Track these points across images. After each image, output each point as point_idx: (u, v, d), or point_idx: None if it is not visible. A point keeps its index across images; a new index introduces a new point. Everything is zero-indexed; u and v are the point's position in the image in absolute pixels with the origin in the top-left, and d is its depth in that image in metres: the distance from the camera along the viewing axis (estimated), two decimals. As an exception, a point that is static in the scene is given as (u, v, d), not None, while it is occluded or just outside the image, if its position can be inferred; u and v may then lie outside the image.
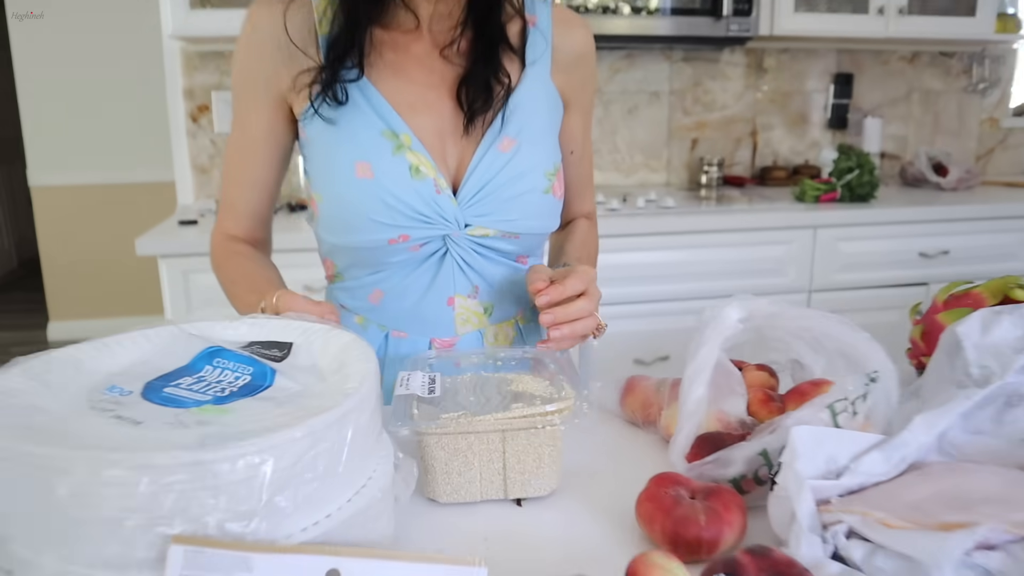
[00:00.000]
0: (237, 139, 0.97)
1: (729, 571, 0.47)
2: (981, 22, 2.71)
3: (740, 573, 0.46)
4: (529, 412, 0.60)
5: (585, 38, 1.02)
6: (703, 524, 0.54)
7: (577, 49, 1.00)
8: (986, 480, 0.60)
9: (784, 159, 3.06)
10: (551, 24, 0.98)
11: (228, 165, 0.99)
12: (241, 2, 2.39)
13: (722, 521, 0.54)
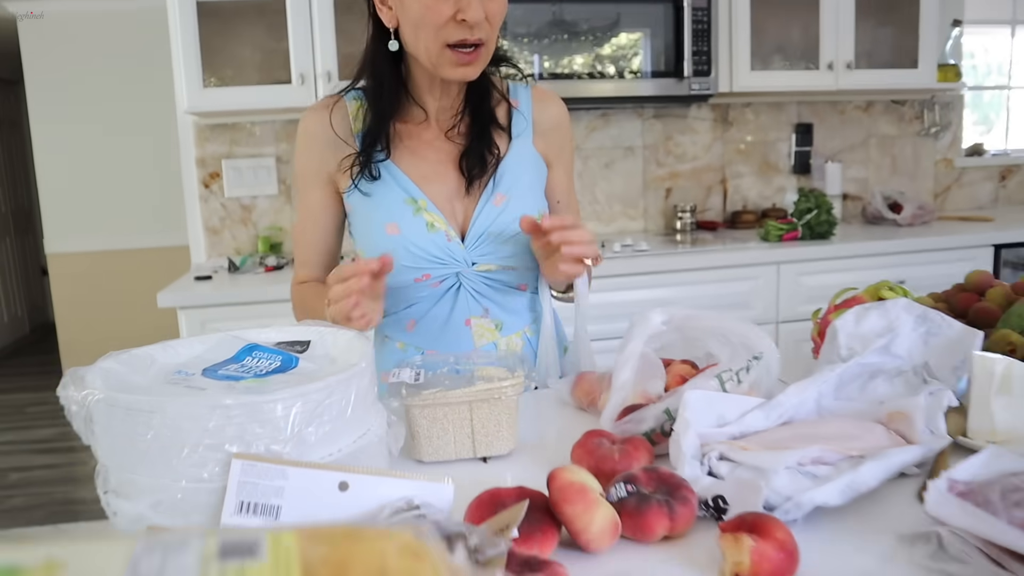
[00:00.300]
0: (302, 212, 1.24)
1: (628, 480, 0.66)
2: (923, 73, 2.96)
3: (635, 482, 0.65)
4: (488, 387, 0.79)
5: (558, 110, 1.28)
6: (617, 459, 0.72)
7: (553, 120, 1.27)
8: (837, 425, 0.79)
9: (753, 203, 3.28)
10: (531, 104, 1.25)
11: (296, 232, 1.27)
12: (245, 81, 2.65)
13: (631, 457, 0.73)
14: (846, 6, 2.85)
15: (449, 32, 1.07)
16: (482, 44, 1.09)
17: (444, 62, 1.09)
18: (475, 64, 1.11)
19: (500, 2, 1.10)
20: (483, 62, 1.12)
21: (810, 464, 0.68)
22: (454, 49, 1.08)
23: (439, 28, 1.06)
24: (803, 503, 0.62)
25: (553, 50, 2.62)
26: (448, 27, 1.06)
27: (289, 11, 2.47)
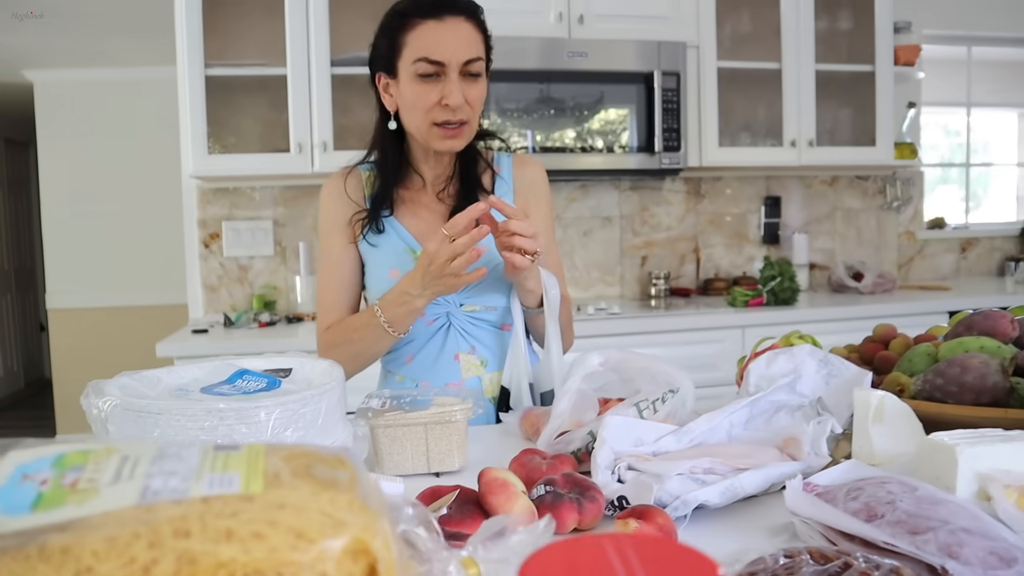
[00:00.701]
0: (325, 261, 1.41)
1: (548, 483, 0.79)
2: (881, 151, 3.17)
3: (553, 484, 0.79)
4: (441, 411, 0.93)
5: (535, 171, 1.49)
6: (544, 471, 0.86)
7: (529, 179, 1.47)
8: (737, 447, 0.93)
9: (725, 271, 3.46)
10: (511, 169, 1.47)
11: (322, 281, 1.42)
12: (247, 149, 2.85)
13: (557, 469, 0.86)
14: (807, 88, 3.08)
15: (435, 114, 1.27)
16: (465, 123, 1.29)
17: (433, 137, 1.30)
18: (459, 138, 1.31)
19: (479, 88, 1.30)
20: (467, 136, 1.32)
21: (701, 472, 0.82)
22: (440, 126, 1.28)
23: (427, 111, 1.27)
24: (688, 501, 0.76)
25: (539, 125, 2.82)
26: (434, 110, 1.27)
27: (290, 86, 2.68)
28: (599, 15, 2.88)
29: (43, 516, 0.31)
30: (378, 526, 0.32)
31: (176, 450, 0.37)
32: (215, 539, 0.29)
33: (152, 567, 0.28)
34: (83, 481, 0.33)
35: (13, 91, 4.77)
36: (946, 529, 0.62)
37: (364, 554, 0.30)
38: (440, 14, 1.26)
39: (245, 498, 0.31)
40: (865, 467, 0.81)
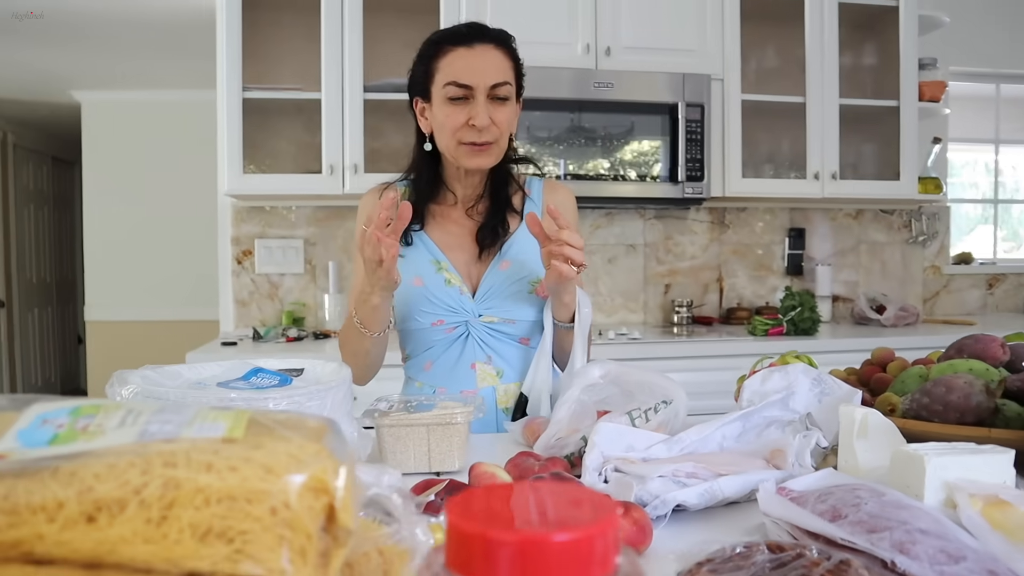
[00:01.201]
0: (356, 268, 1.47)
1: (536, 479, 0.83)
2: (904, 185, 3.18)
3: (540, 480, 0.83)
4: (442, 413, 0.98)
5: (564, 195, 1.56)
6: (536, 471, 0.90)
7: (559, 202, 1.52)
8: (726, 457, 0.96)
9: (748, 301, 3.47)
10: (542, 193, 1.54)
11: (352, 285, 1.50)
12: (281, 170, 2.95)
13: (549, 470, 0.90)
14: (831, 122, 3.11)
15: (463, 134, 1.36)
16: (491, 143, 1.36)
17: (461, 155, 1.38)
18: (486, 155, 1.38)
19: (506, 111, 1.37)
20: (495, 155, 1.40)
21: (684, 476, 0.86)
22: (468, 145, 1.36)
23: (455, 131, 1.35)
24: (667, 501, 0.80)
25: (568, 153, 2.89)
26: (462, 130, 1.35)
27: (324, 110, 2.78)
28: (626, 47, 2.95)
29: (57, 449, 0.37)
30: (339, 470, 0.37)
31: (176, 408, 0.42)
32: (197, 469, 0.34)
33: (143, 489, 0.33)
34: (93, 426, 0.39)
35: (62, 111, 4.97)
36: (903, 529, 0.66)
37: (324, 492, 0.35)
38: (470, 42, 1.35)
39: (227, 440, 0.37)
40: (841, 476, 0.84)
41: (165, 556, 0.33)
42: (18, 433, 0.38)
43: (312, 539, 0.34)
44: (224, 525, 0.33)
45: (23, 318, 5.78)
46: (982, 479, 0.76)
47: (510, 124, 1.39)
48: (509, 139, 1.43)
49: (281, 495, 0.34)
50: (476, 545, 0.30)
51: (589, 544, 0.30)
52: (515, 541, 0.30)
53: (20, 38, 3.68)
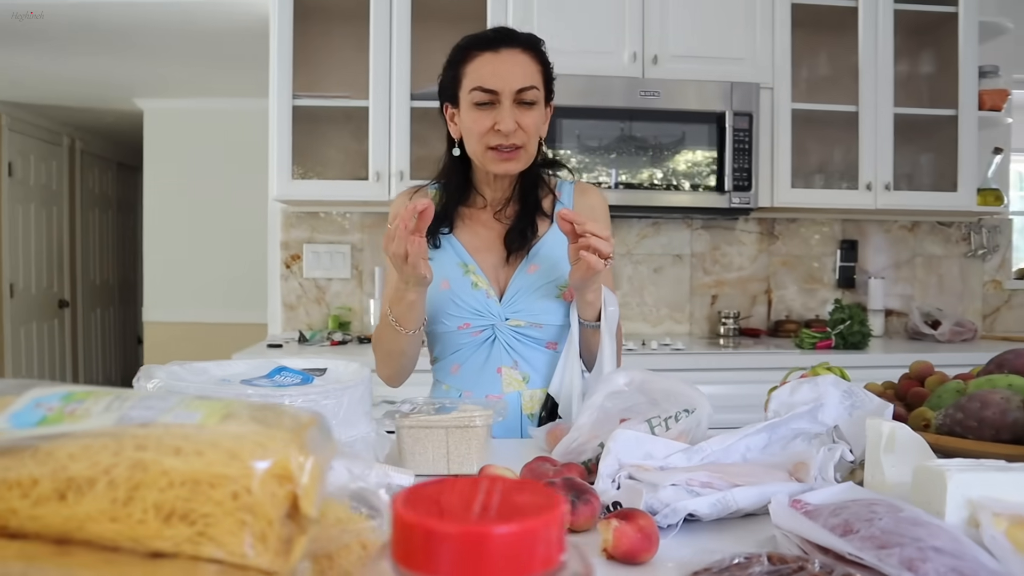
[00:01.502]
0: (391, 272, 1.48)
1: (547, 484, 0.83)
2: (962, 196, 3.08)
3: (552, 486, 0.83)
4: (461, 415, 0.99)
5: (596, 198, 1.55)
6: (551, 475, 0.90)
7: (589, 205, 1.53)
8: (748, 468, 0.94)
9: (797, 314, 3.40)
10: (572, 196, 1.54)
11: (385, 286, 1.52)
12: (329, 176, 3.01)
13: (563, 475, 0.90)
14: (884, 131, 3.03)
15: (489, 138, 1.36)
16: (519, 147, 1.37)
17: (488, 160, 1.39)
18: (514, 161, 1.38)
19: (533, 115, 1.38)
20: (523, 160, 1.40)
21: (698, 485, 0.84)
22: (495, 150, 1.36)
23: (482, 136, 1.36)
24: (678, 509, 0.79)
25: (616, 162, 2.87)
26: (489, 135, 1.36)
27: (371, 118, 2.82)
28: (673, 56, 2.93)
29: (43, 430, 0.38)
30: (306, 463, 0.37)
31: (163, 395, 0.44)
32: (165, 453, 0.35)
33: (112, 469, 0.35)
34: (80, 410, 0.40)
35: (126, 118, 5.16)
36: (915, 546, 0.63)
37: (287, 480, 0.36)
38: (496, 47, 1.36)
39: (199, 427, 0.38)
40: (861, 490, 0.82)
41: (129, 535, 0.34)
42: (11, 415, 0.40)
43: (273, 525, 0.35)
44: (187, 508, 0.34)
45: (86, 318, 5.99)
46: (1009, 498, 0.74)
47: (538, 128, 1.39)
48: (539, 143, 1.44)
49: (243, 480, 0.35)
50: (418, 536, 0.30)
51: (531, 538, 0.30)
52: (456, 533, 0.30)
53: (87, 49, 3.84)
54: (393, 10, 2.82)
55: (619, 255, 3.30)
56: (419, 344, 1.43)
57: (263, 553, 0.35)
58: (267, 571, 0.35)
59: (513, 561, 0.30)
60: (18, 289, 5.08)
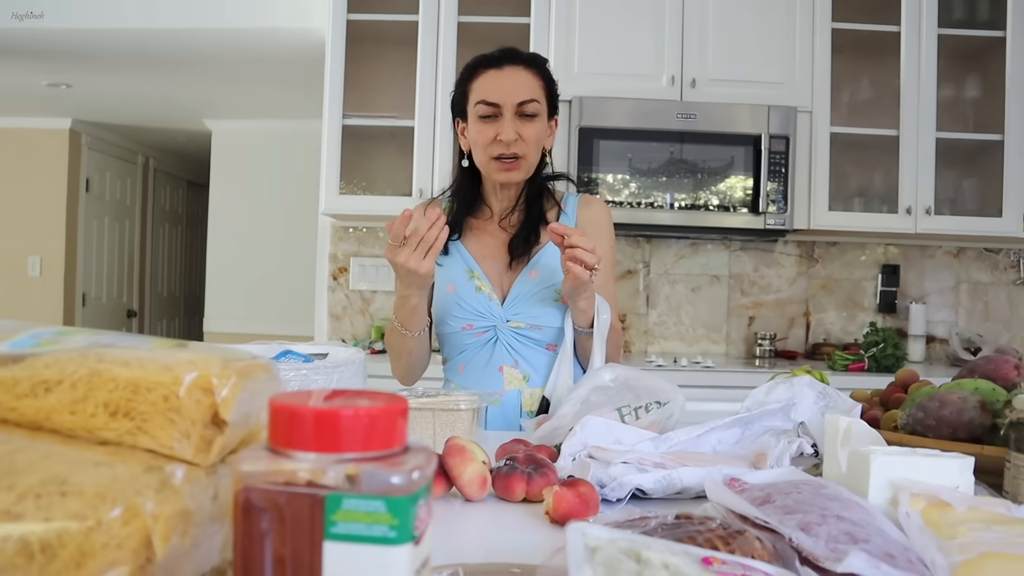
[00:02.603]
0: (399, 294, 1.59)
1: (509, 459, 0.91)
2: (1008, 221, 3.04)
3: (515, 460, 0.91)
4: (447, 399, 1.07)
5: (599, 210, 1.63)
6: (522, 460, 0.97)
7: (592, 217, 1.61)
8: (704, 455, 1.00)
9: (836, 337, 3.39)
10: (576, 208, 1.61)
11: None
12: (374, 192, 3.15)
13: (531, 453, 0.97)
14: (926, 155, 3.02)
15: (492, 149, 1.46)
16: (520, 157, 1.45)
17: (492, 170, 1.49)
18: (515, 171, 1.48)
19: (534, 127, 1.47)
20: (524, 169, 1.49)
21: (650, 465, 0.91)
22: (498, 160, 1.45)
23: (486, 146, 1.46)
24: (624, 484, 0.85)
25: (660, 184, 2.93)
26: (492, 145, 1.46)
27: (416, 137, 2.96)
28: (712, 79, 2.99)
29: (34, 351, 0.49)
30: (227, 380, 0.47)
31: (139, 338, 0.54)
32: (116, 364, 0.45)
33: (73, 375, 0.44)
34: (64, 339, 0.51)
35: (196, 138, 5.45)
36: (819, 513, 0.69)
37: (209, 391, 0.45)
38: (500, 64, 1.47)
39: (150, 350, 0.48)
40: (800, 473, 0.87)
41: (84, 426, 0.44)
42: (12, 342, 0.51)
43: (196, 425, 0.44)
44: (129, 406, 0.44)
45: (153, 327, 6.30)
46: (928, 480, 0.78)
47: (539, 140, 1.48)
48: (544, 154, 1.52)
49: (173, 387, 0.44)
50: (283, 418, 0.39)
51: (371, 421, 0.39)
52: (312, 413, 0.39)
53: (161, 73, 4.10)
54: (440, 35, 2.97)
55: (657, 274, 3.35)
56: (425, 345, 1.54)
57: (187, 447, 0.44)
58: (190, 462, 0.45)
59: (356, 437, 0.39)
60: (90, 298, 5.39)
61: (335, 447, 0.38)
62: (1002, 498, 0.85)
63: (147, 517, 0.39)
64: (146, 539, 0.39)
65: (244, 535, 0.38)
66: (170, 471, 0.42)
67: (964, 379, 1.10)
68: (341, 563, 0.37)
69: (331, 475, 0.38)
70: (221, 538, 0.46)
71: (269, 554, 0.38)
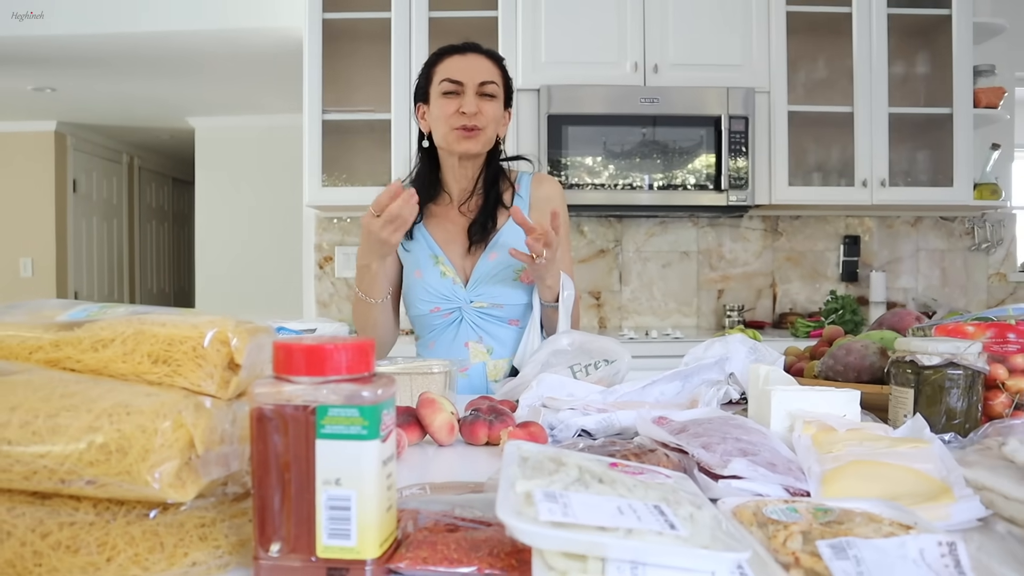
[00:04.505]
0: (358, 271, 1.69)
1: (475, 408, 1.06)
2: (958, 191, 3.21)
3: (479, 410, 1.06)
4: (423, 364, 1.23)
5: (551, 187, 1.76)
6: (485, 410, 1.13)
7: (544, 195, 1.74)
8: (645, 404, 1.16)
9: (801, 307, 3.56)
10: (529, 187, 1.74)
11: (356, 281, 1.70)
12: (355, 183, 3.29)
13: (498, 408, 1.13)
14: (879, 130, 3.19)
15: (454, 120, 1.59)
16: (480, 129, 1.60)
17: (452, 140, 1.61)
18: (474, 141, 1.61)
19: (493, 106, 1.61)
20: (482, 141, 1.62)
21: (594, 411, 1.07)
22: (459, 130, 1.59)
23: (448, 118, 1.59)
24: (570, 425, 1.01)
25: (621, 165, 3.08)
26: (454, 117, 1.59)
27: (393, 129, 3.10)
28: (673, 64, 3.14)
29: (88, 319, 0.64)
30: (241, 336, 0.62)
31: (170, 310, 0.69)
32: (155, 325, 0.60)
33: (123, 333, 0.59)
34: (109, 310, 0.66)
35: (180, 135, 5.56)
36: (721, 436, 0.85)
37: (225, 344, 0.60)
38: (464, 51, 1.62)
39: (181, 314, 0.63)
40: (719, 411, 1.03)
41: (133, 371, 0.59)
42: (69, 313, 0.65)
43: (217, 368, 0.59)
44: (167, 355, 0.59)
45: (146, 323, 6.41)
46: (820, 410, 0.94)
47: (496, 119, 1.62)
48: (498, 141, 1.67)
49: (199, 340, 0.59)
50: (282, 352, 0.54)
51: (347, 351, 0.54)
52: (304, 348, 0.54)
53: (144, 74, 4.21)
54: (412, 31, 3.10)
55: (629, 252, 3.51)
56: (390, 316, 1.66)
57: (211, 385, 0.59)
58: (214, 395, 0.60)
59: (337, 364, 0.54)
60: (81, 296, 5.50)
61: (321, 372, 0.54)
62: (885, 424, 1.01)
63: (189, 427, 0.54)
64: (189, 442, 0.54)
65: (258, 438, 0.54)
66: (201, 400, 0.57)
67: (873, 331, 1.26)
68: (329, 455, 0.53)
69: (319, 392, 0.53)
70: (238, 452, 0.61)
71: (277, 450, 0.53)
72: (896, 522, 0.64)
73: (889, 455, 0.84)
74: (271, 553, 0.53)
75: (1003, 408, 1.03)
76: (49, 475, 0.52)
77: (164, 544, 0.54)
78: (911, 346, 1.00)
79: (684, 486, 0.67)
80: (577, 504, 0.54)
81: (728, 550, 0.51)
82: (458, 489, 0.78)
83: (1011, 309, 1.38)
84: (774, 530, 0.61)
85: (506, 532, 0.50)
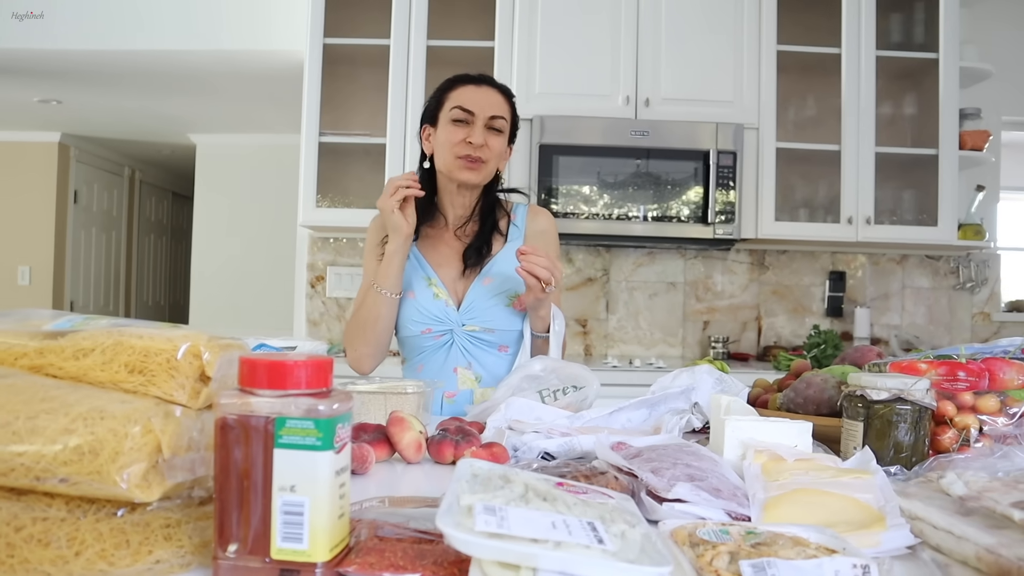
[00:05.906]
0: (364, 276, 1.75)
1: (443, 429, 1.11)
2: (943, 231, 3.27)
3: (447, 430, 1.10)
4: (397, 384, 1.27)
5: (546, 221, 1.80)
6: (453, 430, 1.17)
7: (540, 228, 1.79)
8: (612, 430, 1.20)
9: (786, 340, 3.61)
10: (525, 218, 1.78)
11: (359, 290, 1.74)
12: (350, 204, 3.34)
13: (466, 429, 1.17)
14: (866, 168, 3.25)
15: (459, 149, 1.63)
16: (483, 161, 1.64)
17: (455, 167, 1.64)
18: (477, 172, 1.65)
19: (499, 141, 1.67)
20: (484, 173, 1.66)
21: (558, 435, 1.11)
22: (464, 159, 1.63)
23: (454, 146, 1.63)
24: (533, 447, 1.05)
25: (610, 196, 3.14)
26: (459, 146, 1.63)
27: (388, 153, 3.16)
28: (664, 98, 3.21)
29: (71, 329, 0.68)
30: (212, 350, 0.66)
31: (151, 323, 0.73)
32: (132, 336, 0.64)
33: (103, 343, 0.64)
34: (92, 322, 0.70)
35: (181, 151, 5.63)
36: (672, 462, 0.89)
37: (197, 357, 0.65)
38: (479, 83, 1.67)
39: (158, 327, 0.67)
40: (677, 439, 1.08)
41: (111, 380, 0.63)
42: (55, 323, 0.70)
43: (189, 379, 0.64)
44: (143, 366, 0.63)
45: (139, 335, 6.44)
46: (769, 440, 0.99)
47: (500, 154, 1.66)
48: (498, 175, 1.72)
49: (173, 352, 0.63)
50: (247, 367, 0.59)
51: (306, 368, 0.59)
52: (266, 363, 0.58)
53: (148, 90, 4.28)
54: (410, 58, 3.17)
55: (616, 282, 3.56)
56: (393, 315, 1.65)
57: (183, 395, 0.64)
58: (184, 404, 0.64)
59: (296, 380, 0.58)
60: (78, 307, 5.54)
61: (282, 386, 0.58)
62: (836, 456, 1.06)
63: (157, 432, 0.58)
64: (157, 447, 0.58)
65: (221, 446, 0.58)
66: (172, 408, 0.62)
67: (835, 366, 1.31)
68: (285, 463, 0.57)
69: (279, 404, 0.57)
70: (204, 458, 0.65)
71: (238, 457, 0.58)
72: (823, 546, 0.68)
73: (832, 484, 0.88)
74: (228, 553, 0.58)
75: (951, 443, 1.07)
76: (26, 472, 0.56)
77: (130, 541, 0.59)
78: (861, 381, 1.05)
79: (625, 506, 0.71)
80: (514, 517, 0.58)
81: (652, 564, 0.56)
82: (416, 503, 0.82)
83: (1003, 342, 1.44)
84: (703, 550, 0.65)
85: (444, 541, 0.54)
